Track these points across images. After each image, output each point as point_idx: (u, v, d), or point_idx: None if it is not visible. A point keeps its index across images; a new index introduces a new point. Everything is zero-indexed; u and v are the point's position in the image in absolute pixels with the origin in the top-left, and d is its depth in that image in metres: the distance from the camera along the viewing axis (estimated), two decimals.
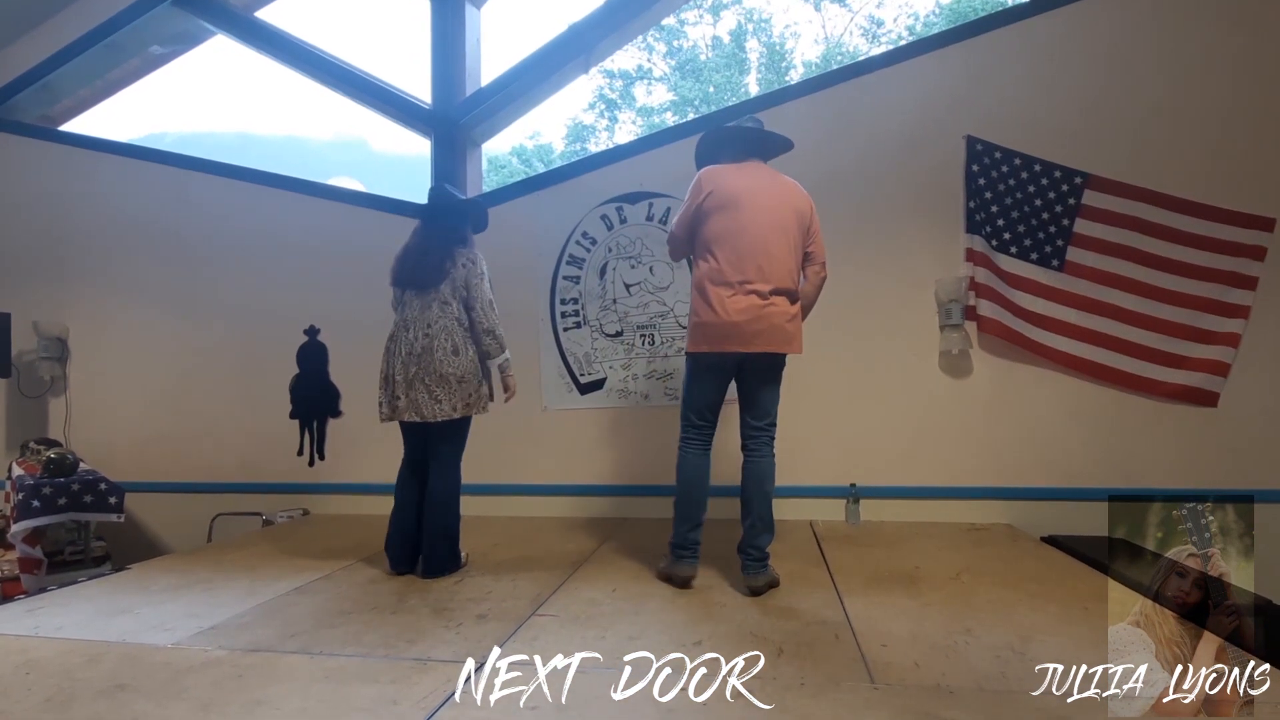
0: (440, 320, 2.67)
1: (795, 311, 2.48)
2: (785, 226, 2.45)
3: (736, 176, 2.49)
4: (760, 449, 2.52)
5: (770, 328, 2.40)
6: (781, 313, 2.42)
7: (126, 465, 4.39)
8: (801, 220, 2.50)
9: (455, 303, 2.70)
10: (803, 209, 2.51)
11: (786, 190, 2.51)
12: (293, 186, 4.49)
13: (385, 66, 4.45)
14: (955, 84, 3.64)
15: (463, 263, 2.72)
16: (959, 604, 2.28)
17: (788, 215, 2.46)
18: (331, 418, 4.26)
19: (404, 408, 2.66)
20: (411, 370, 2.64)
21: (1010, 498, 3.51)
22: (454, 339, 2.66)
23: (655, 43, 15.45)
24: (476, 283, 2.73)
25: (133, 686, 1.77)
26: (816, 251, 2.55)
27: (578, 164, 4.29)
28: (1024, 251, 3.53)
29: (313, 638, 2.07)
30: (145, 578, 2.85)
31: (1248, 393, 3.33)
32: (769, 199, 2.46)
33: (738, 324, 2.39)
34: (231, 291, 4.48)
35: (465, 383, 2.66)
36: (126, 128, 25.76)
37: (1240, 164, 3.38)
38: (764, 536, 2.46)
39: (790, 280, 2.45)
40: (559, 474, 4.02)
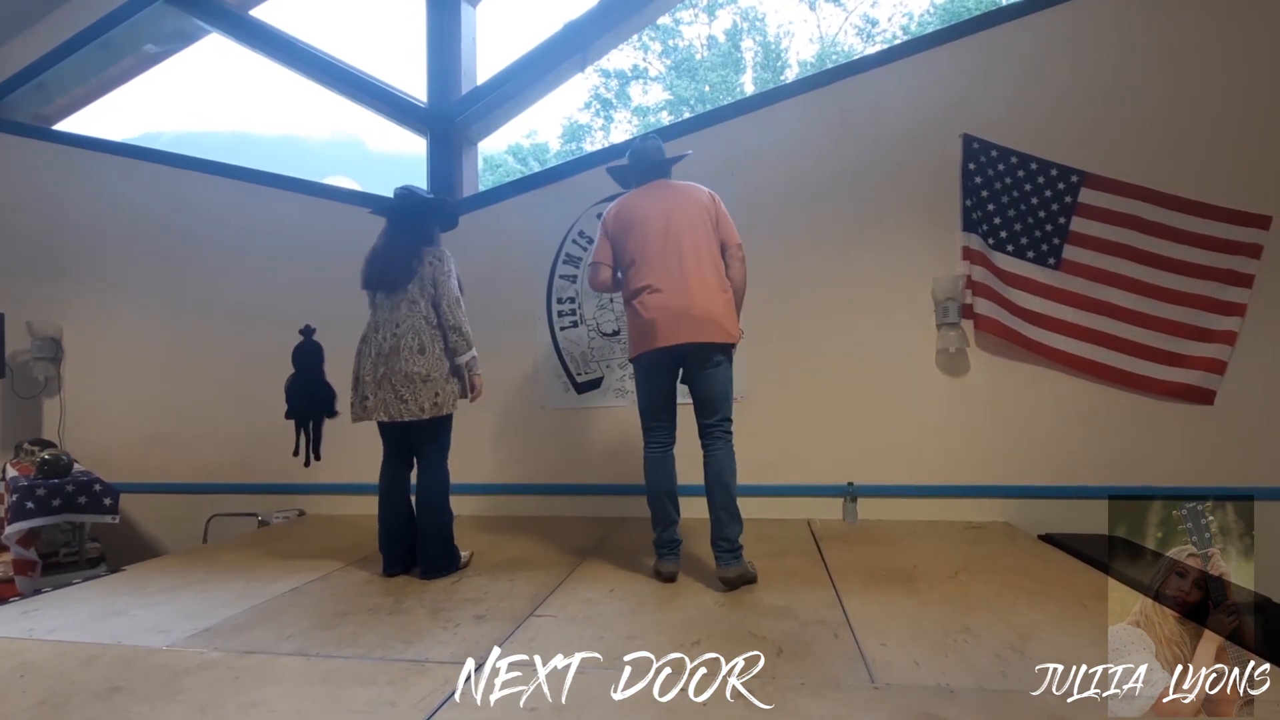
0: (408, 320, 2.68)
1: (726, 301, 2.55)
2: (691, 223, 2.58)
3: (632, 200, 2.71)
4: (714, 444, 2.57)
5: (691, 319, 2.48)
6: (701, 303, 2.50)
7: (121, 466, 4.37)
8: (706, 212, 2.62)
9: (423, 301, 2.71)
10: (704, 201, 2.64)
11: (684, 193, 2.67)
12: (288, 185, 4.47)
13: (381, 65, 4.44)
14: (952, 82, 3.63)
15: (429, 260, 2.73)
16: (957, 602, 2.28)
17: (691, 212, 2.60)
18: (327, 418, 4.24)
19: (372, 407, 2.69)
20: (380, 371, 2.66)
21: (1007, 496, 3.51)
22: (420, 338, 2.66)
23: (651, 42, 15.46)
24: (443, 280, 2.72)
25: (128, 689, 1.75)
26: (728, 237, 2.64)
27: (573, 163, 4.28)
28: (1021, 250, 3.53)
29: (309, 639, 2.06)
30: (140, 579, 2.83)
31: (1244, 391, 3.34)
32: (667, 205, 2.62)
33: (656, 320, 2.52)
34: (227, 291, 4.46)
35: (430, 381, 2.65)
36: (122, 127, 25.69)
37: (1237, 162, 3.38)
38: (730, 527, 2.49)
39: (709, 270, 2.55)
40: (556, 473, 4.02)
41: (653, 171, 2.78)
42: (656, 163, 2.78)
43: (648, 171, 2.78)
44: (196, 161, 4.61)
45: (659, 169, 2.79)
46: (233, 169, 4.56)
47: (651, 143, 2.81)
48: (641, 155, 2.78)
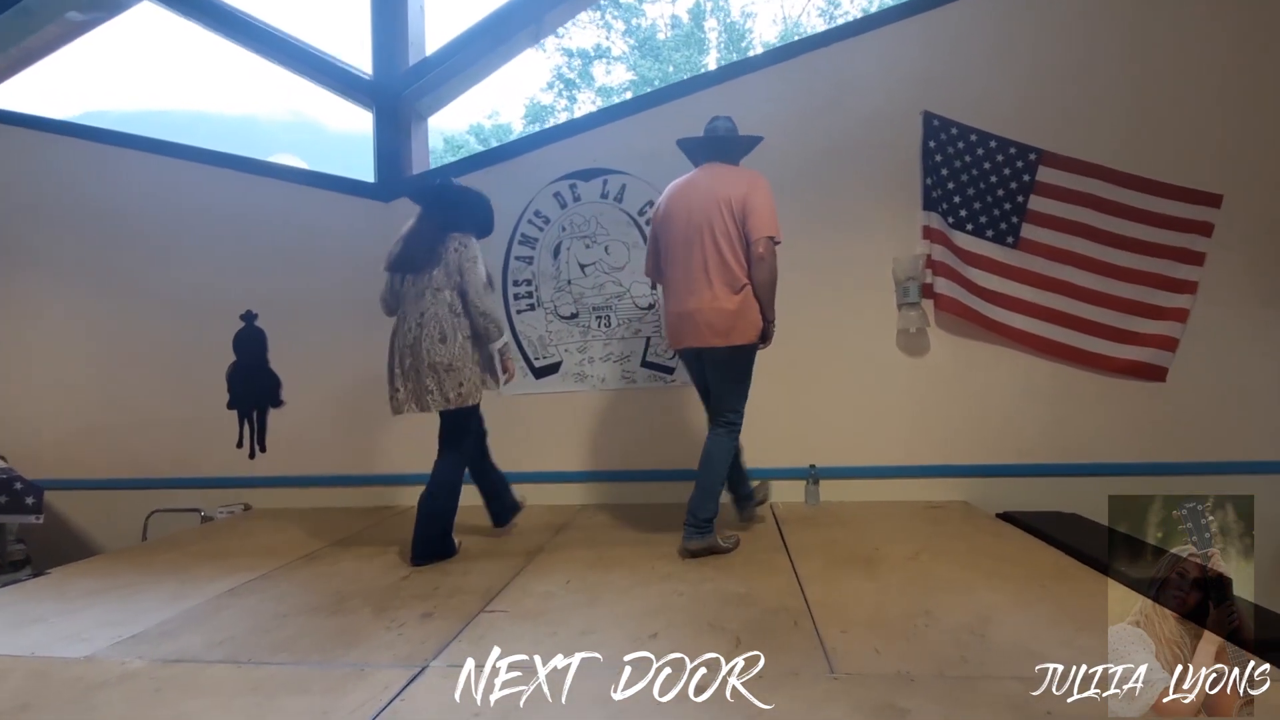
0: (431, 308, 2.64)
1: (736, 303, 2.53)
2: (708, 221, 2.54)
3: (672, 193, 2.71)
4: (714, 430, 2.71)
5: (698, 325, 2.57)
6: (712, 308, 2.54)
7: (51, 461, 4.13)
8: (731, 207, 2.54)
9: (447, 289, 2.65)
10: (731, 195, 2.54)
11: (717, 184, 2.59)
12: (227, 163, 4.23)
13: (331, 38, 4.21)
14: (914, 58, 3.58)
15: (455, 246, 2.67)
16: (918, 585, 2.26)
17: (711, 209, 2.54)
18: (272, 407, 4.06)
19: (404, 400, 2.67)
20: (407, 362, 2.65)
21: (966, 475, 3.52)
22: (442, 326, 2.62)
23: (614, 21, 15.19)
24: (469, 266, 2.66)
25: (37, 706, 1.62)
26: (753, 230, 2.53)
27: (529, 139, 4.13)
28: (980, 229, 3.51)
29: (241, 645, 1.93)
30: (64, 583, 2.66)
31: (1195, 367, 3.38)
32: (693, 200, 2.59)
33: (672, 325, 2.71)
34: (162, 275, 4.22)
35: (454, 371, 2.61)
36: (62, 105, 24.36)
37: (1189, 140, 3.40)
38: (700, 503, 2.56)
39: (726, 271, 2.53)
40: (513, 461, 3.85)
41: (709, 150, 2.73)
42: (714, 141, 2.72)
43: (705, 150, 2.74)
44: (128, 138, 4.35)
45: (715, 148, 2.72)
46: (167, 145, 4.30)
47: (721, 121, 2.75)
48: (707, 131, 2.75)
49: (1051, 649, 1.69)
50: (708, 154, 2.73)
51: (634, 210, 3.77)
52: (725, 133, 2.73)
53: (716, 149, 2.72)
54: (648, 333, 3.77)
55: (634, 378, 3.78)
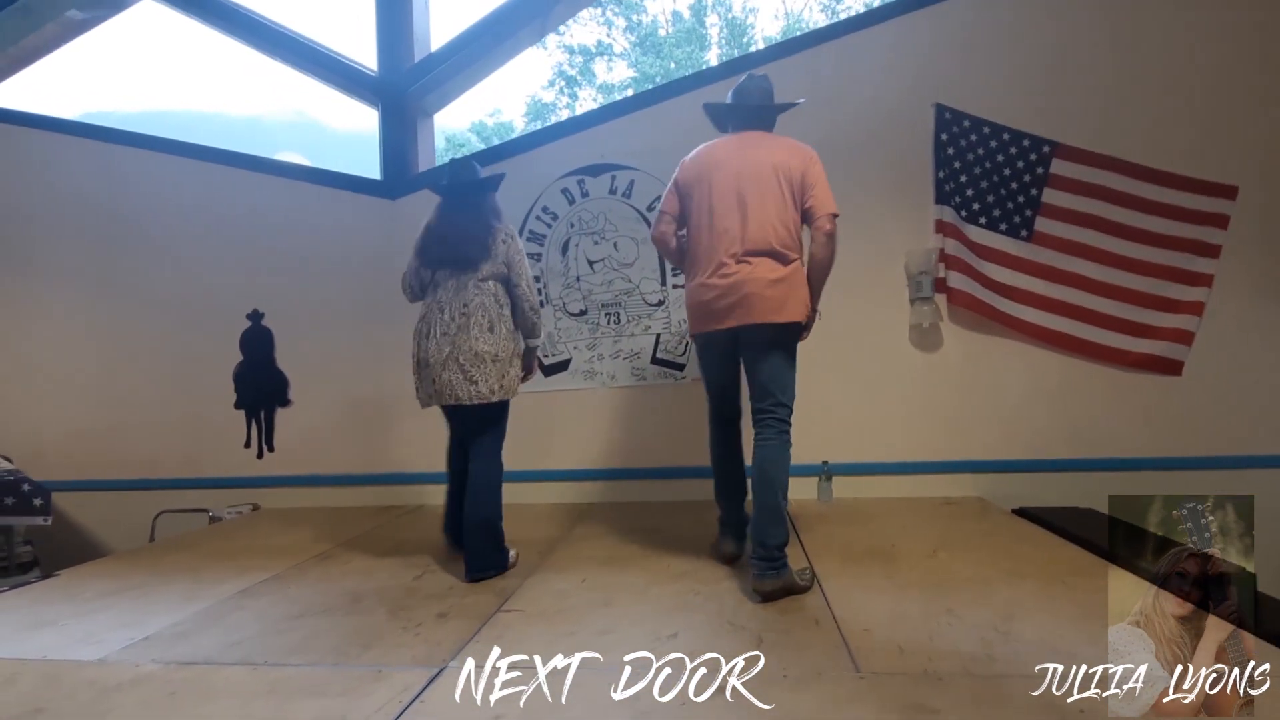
0: (477, 298, 2.54)
1: (785, 274, 2.24)
2: (762, 186, 2.26)
3: (712, 148, 2.40)
4: (764, 431, 2.30)
5: (745, 298, 2.23)
6: (760, 278, 2.22)
7: (57, 463, 4.12)
8: (787, 175, 2.27)
9: (492, 280, 2.58)
10: (788, 164, 2.28)
11: (767, 150, 2.32)
12: (234, 161, 4.21)
13: (336, 35, 4.18)
14: (924, 50, 3.54)
15: (503, 239, 2.60)
16: (938, 582, 2.23)
17: (764, 173, 2.27)
18: (280, 407, 4.03)
19: (439, 390, 2.53)
20: (445, 350, 2.51)
21: (981, 471, 3.49)
22: (489, 316, 2.54)
23: (615, 17, 15.14)
24: (518, 260, 2.61)
25: (51, 710, 1.60)
26: (814, 206, 2.29)
27: (536, 134, 4.11)
28: (993, 222, 3.48)
29: (256, 646, 1.91)
30: (75, 585, 2.64)
31: (1211, 361, 3.34)
32: (740, 164, 2.30)
33: (708, 302, 2.31)
34: (168, 274, 4.19)
35: (499, 361, 2.54)
36: (62, 105, 24.37)
37: (1205, 131, 3.36)
38: (770, 531, 2.14)
39: (775, 240, 2.24)
40: (523, 459, 3.83)
41: (750, 117, 2.43)
42: (756, 107, 2.43)
43: (745, 116, 2.43)
44: (133, 137, 4.32)
45: (758, 116, 2.43)
46: (172, 144, 4.27)
47: (756, 81, 2.44)
48: (742, 94, 2.44)
49: (1079, 646, 1.67)
50: (752, 121, 2.44)
51: (643, 206, 3.74)
52: (766, 97, 2.45)
53: (760, 115, 2.44)
54: (657, 329, 3.74)
55: (644, 375, 3.75)
